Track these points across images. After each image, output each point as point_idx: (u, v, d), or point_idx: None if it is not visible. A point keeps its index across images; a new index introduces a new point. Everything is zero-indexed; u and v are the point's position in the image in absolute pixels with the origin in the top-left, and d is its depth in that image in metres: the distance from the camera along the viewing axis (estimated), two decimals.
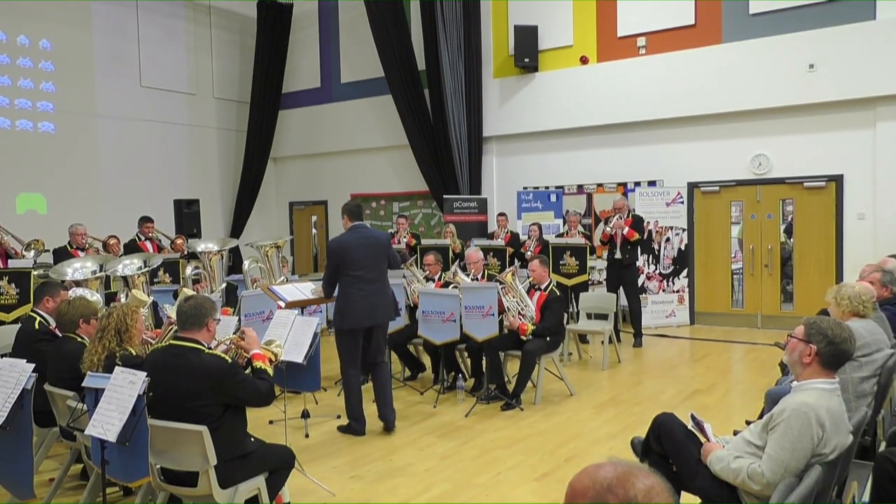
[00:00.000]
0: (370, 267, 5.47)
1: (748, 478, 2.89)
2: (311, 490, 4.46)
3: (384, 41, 12.10)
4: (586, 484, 1.32)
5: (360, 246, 5.46)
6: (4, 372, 3.56)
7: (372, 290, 5.47)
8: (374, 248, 5.53)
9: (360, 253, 5.44)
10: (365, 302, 5.43)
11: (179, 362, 3.44)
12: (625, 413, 6.10)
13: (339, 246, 5.46)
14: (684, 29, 10.17)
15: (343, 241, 5.49)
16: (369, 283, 5.46)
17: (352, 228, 5.55)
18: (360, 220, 5.63)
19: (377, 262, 5.54)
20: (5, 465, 3.66)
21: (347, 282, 5.41)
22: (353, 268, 5.41)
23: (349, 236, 5.52)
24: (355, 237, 5.51)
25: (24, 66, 10.91)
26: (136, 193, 11.94)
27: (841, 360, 2.97)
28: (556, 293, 6.55)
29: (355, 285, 5.40)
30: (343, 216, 5.64)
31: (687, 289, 10.37)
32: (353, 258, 5.41)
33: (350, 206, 5.72)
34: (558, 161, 11.44)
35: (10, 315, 7.23)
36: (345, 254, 5.41)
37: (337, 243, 5.50)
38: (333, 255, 5.46)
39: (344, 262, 5.41)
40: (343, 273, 5.42)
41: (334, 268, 5.46)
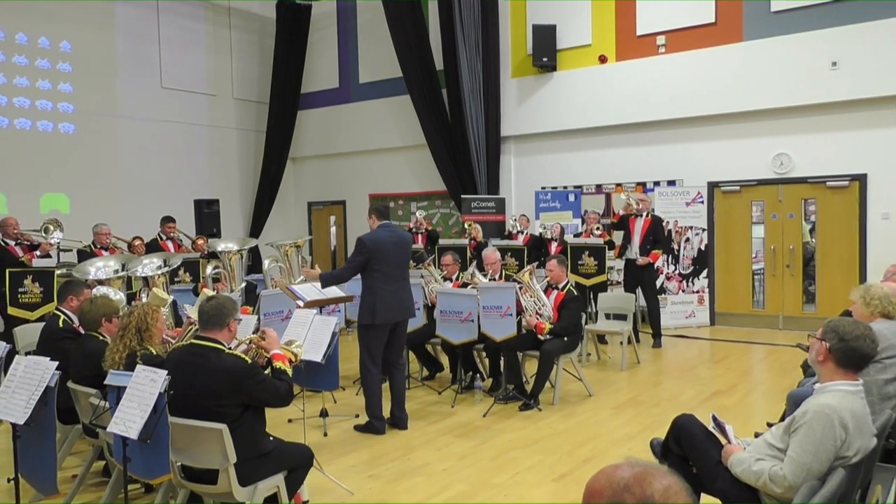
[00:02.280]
0: (398, 264, 5.62)
1: (770, 480, 2.86)
2: (329, 489, 4.48)
3: (402, 41, 12.12)
4: (603, 484, 1.31)
5: (392, 243, 5.58)
6: (29, 370, 3.61)
7: (399, 287, 5.59)
8: (403, 247, 5.71)
9: (392, 250, 5.56)
10: (393, 298, 5.53)
11: (200, 362, 3.47)
12: (644, 414, 6.06)
13: (374, 241, 5.51)
14: (704, 27, 10.08)
15: (378, 236, 5.56)
16: (397, 279, 5.58)
17: (381, 227, 5.65)
18: (387, 220, 5.75)
19: (404, 259, 5.73)
20: (30, 462, 3.71)
21: (377, 278, 5.47)
22: (384, 264, 5.49)
23: (383, 233, 5.61)
24: (388, 234, 5.63)
25: (45, 68, 11.05)
26: (157, 193, 12.07)
27: (856, 359, 2.91)
28: (573, 293, 6.53)
29: (384, 281, 5.48)
30: (370, 216, 5.74)
31: (707, 289, 10.28)
32: (386, 255, 5.50)
33: (378, 205, 5.88)
34: (576, 161, 11.40)
35: (34, 313, 7.35)
36: (380, 249, 5.48)
37: (372, 239, 5.54)
38: (366, 249, 5.47)
39: (376, 258, 5.46)
40: (372, 269, 5.47)
41: (364, 261, 5.48)
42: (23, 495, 3.78)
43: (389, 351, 5.70)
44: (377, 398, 5.62)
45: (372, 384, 5.59)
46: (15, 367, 3.67)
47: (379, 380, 5.63)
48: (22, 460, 3.68)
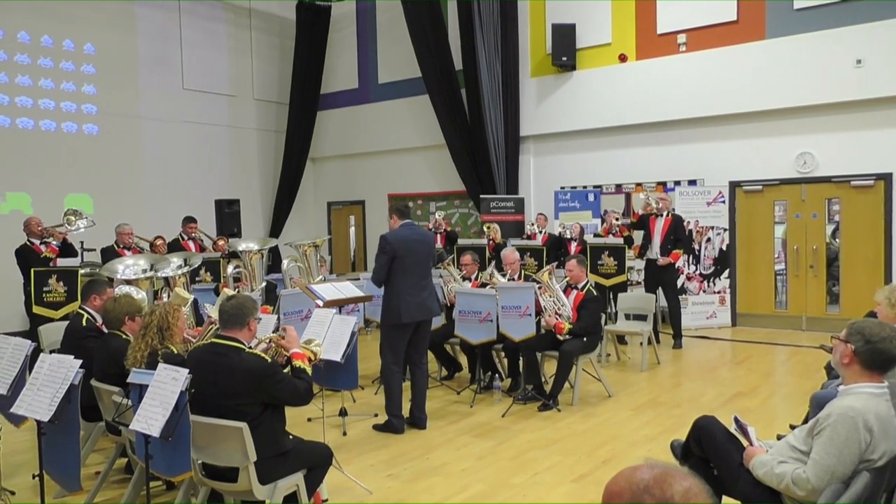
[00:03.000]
0: (421, 263, 5.60)
1: (793, 483, 2.82)
2: (348, 487, 4.50)
3: (421, 41, 12.14)
4: (622, 486, 1.30)
5: (415, 241, 5.59)
6: (53, 368, 3.66)
7: (422, 286, 5.58)
8: (425, 245, 5.70)
9: (415, 249, 5.55)
10: (417, 296, 5.51)
11: (220, 361, 3.50)
12: (664, 415, 6.01)
13: (398, 240, 5.49)
14: (726, 25, 9.98)
15: (401, 235, 5.55)
16: (420, 278, 5.57)
17: (403, 226, 5.65)
18: (408, 219, 5.74)
19: (427, 258, 5.71)
20: (54, 458, 3.76)
21: (399, 277, 5.46)
22: (407, 263, 5.49)
23: (405, 232, 5.60)
24: (410, 233, 5.62)
25: (69, 70, 11.20)
26: (179, 194, 12.19)
27: (883, 361, 2.87)
28: (592, 293, 6.49)
29: (407, 280, 5.48)
30: (391, 216, 5.73)
31: (728, 290, 10.18)
32: (409, 253, 5.50)
33: (398, 205, 5.88)
34: (596, 160, 11.34)
35: (58, 312, 7.45)
36: (403, 248, 5.47)
37: (396, 238, 5.51)
38: (390, 247, 5.46)
39: (399, 257, 5.45)
40: (398, 268, 5.46)
41: (389, 260, 5.46)
42: (47, 491, 3.83)
43: (413, 350, 5.70)
44: (398, 397, 5.62)
45: (393, 383, 5.59)
46: (40, 365, 3.72)
47: (400, 379, 5.64)
48: (46, 457, 3.73)
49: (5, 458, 4.53)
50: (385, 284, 5.56)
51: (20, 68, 10.62)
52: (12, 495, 4.33)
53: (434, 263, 6.04)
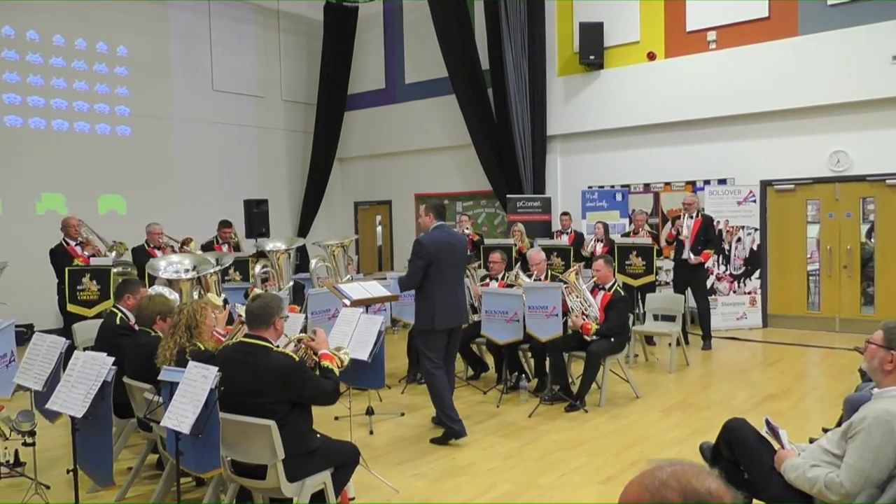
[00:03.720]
0: (454, 266, 5.46)
1: (825, 487, 2.77)
2: (374, 486, 4.51)
3: (448, 41, 12.15)
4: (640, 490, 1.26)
5: (449, 246, 5.42)
6: (87, 365, 3.73)
7: (456, 291, 5.47)
8: (458, 249, 5.55)
9: (450, 253, 5.40)
10: (452, 302, 5.39)
11: (248, 360, 3.53)
12: (693, 417, 5.94)
13: (433, 244, 5.32)
14: (757, 22, 9.84)
15: (436, 239, 5.38)
16: (453, 282, 5.44)
17: (438, 227, 5.47)
18: (443, 220, 5.56)
19: (461, 262, 5.58)
20: (87, 453, 3.83)
21: (434, 281, 5.30)
22: (442, 267, 5.32)
23: (440, 235, 5.43)
24: (444, 236, 5.45)
25: (102, 73, 11.39)
26: (209, 194, 12.35)
27: None
28: (620, 293, 6.44)
29: (443, 285, 5.32)
30: (427, 213, 5.54)
31: (759, 290, 10.03)
32: (444, 258, 5.34)
33: (435, 204, 5.67)
34: (624, 159, 11.25)
35: (91, 310, 7.59)
36: (438, 253, 5.31)
37: (431, 242, 5.33)
38: (425, 253, 5.28)
39: (434, 263, 5.29)
40: (432, 273, 5.29)
41: (425, 265, 5.29)
42: (81, 486, 3.90)
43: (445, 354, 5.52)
44: (448, 400, 5.39)
45: (439, 388, 5.38)
46: (74, 363, 3.80)
47: (445, 382, 5.41)
48: (80, 452, 3.80)
49: (41, 452, 4.62)
50: (419, 289, 5.40)
51: (55, 71, 10.83)
52: (47, 489, 4.42)
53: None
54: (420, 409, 6.29)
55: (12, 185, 10.30)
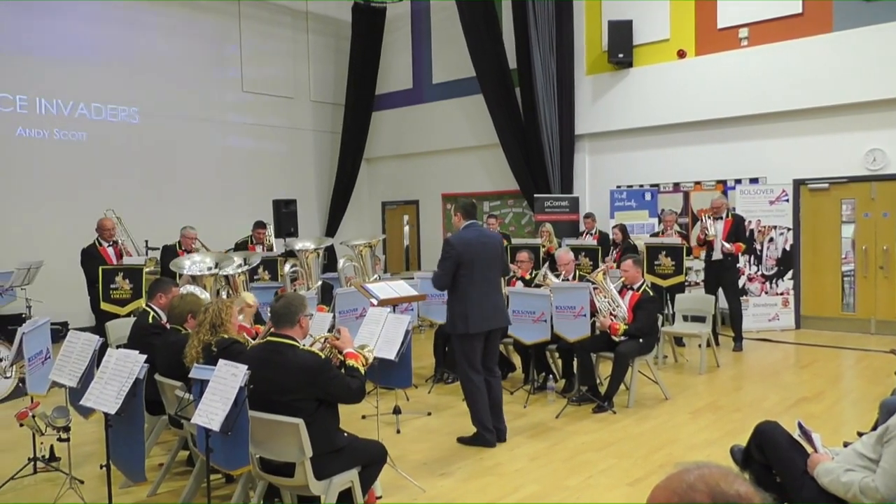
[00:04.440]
0: (489, 268, 5.24)
1: (860, 492, 2.72)
2: (401, 485, 4.52)
3: (475, 41, 12.14)
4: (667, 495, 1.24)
5: (483, 245, 5.23)
6: (120, 362, 3.79)
7: (491, 292, 5.25)
8: (493, 249, 5.31)
9: (481, 253, 5.19)
10: (487, 304, 5.18)
11: (275, 358, 3.57)
12: (723, 419, 5.86)
13: (463, 244, 5.15)
14: (791, 18, 9.67)
15: (466, 239, 5.18)
16: (488, 284, 5.22)
17: (468, 227, 5.29)
18: (474, 219, 5.37)
19: (495, 263, 5.32)
20: (120, 449, 3.90)
21: (467, 283, 5.12)
22: (474, 268, 5.14)
23: (471, 234, 5.24)
24: (476, 236, 5.26)
25: (134, 73, 11.55)
26: (239, 194, 12.50)
27: None
28: (649, 293, 6.38)
29: (476, 287, 5.14)
30: (456, 213, 5.39)
31: (792, 291, 9.86)
32: (475, 258, 5.15)
33: (464, 203, 5.45)
34: (653, 159, 11.13)
35: (124, 309, 7.72)
36: (469, 253, 5.13)
37: (461, 241, 5.16)
38: (455, 253, 5.12)
39: (465, 263, 5.11)
40: (463, 274, 5.13)
41: (454, 265, 5.13)
42: (114, 481, 3.97)
43: (484, 359, 5.33)
44: (483, 407, 5.23)
45: (475, 393, 5.22)
46: (107, 360, 3.86)
47: (482, 388, 5.23)
48: (113, 448, 3.87)
49: (75, 448, 4.71)
50: (451, 290, 5.23)
51: (83, 71, 11.02)
52: (81, 484, 4.51)
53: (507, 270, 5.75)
54: (447, 409, 6.29)
55: (47, 186, 10.52)
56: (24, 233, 10.05)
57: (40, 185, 10.47)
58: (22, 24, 10.34)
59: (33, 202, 10.34)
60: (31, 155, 10.49)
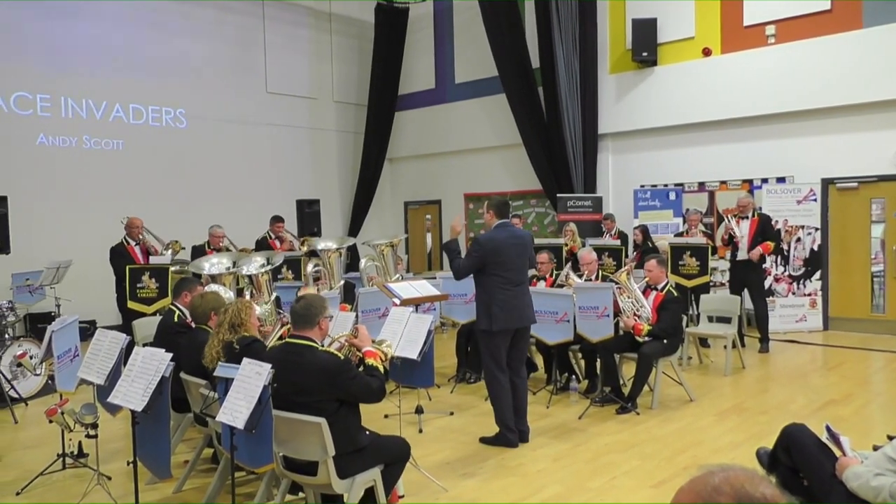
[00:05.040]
0: (518, 267, 5.26)
1: (890, 497, 2.67)
2: (424, 485, 4.53)
3: (498, 40, 12.11)
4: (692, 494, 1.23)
5: (512, 245, 5.22)
6: (146, 360, 3.83)
7: (519, 291, 5.25)
8: (522, 248, 5.32)
9: (512, 253, 5.19)
10: (515, 302, 5.19)
11: (295, 359, 3.58)
12: (749, 422, 5.79)
13: (492, 244, 5.16)
14: (819, 15, 9.53)
15: (497, 238, 5.20)
16: (517, 283, 5.23)
17: (499, 226, 5.28)
18: (506, 218, 5.36)
19: (524, 262, 5.35)
20: (147, 446, 3.95)
21: (496, 282, 5.14)
22: (503, 268, 5.15)
23: (501, 234, 5.23)
24: (506, 235, 5.25)
25: (158, 74, 11.70)
26: (262, 194, 12.59)
27: None
28: (673, 294, 6.32)
29: (504, 286, 5.15)
30: (487, 211, 5.34)
31: (820, 292, 9.70)
32: (505, 258, 5.15)
33: (497, 201, 5.41)
34: (678, 158, 11.03)
35: (150, 307, 7.81)
36: (498, 252, 5.14)
37: (490, 241, 5.18)
38: (481, 250, 5.14)
39: (494, 261, 5.13)
40: (489, 272, 5.15)
41: (478, 262, 5.14)
42: (140, 477, 4.02)
43: (510, 357, 5.33)
44: (507, 407, 5.24)
45: (499, 392, 5.23)
46: (134, 358, 3.91)
47: (507, 387, 5.24)
48: (139, 445, 3.92)
49: (103, 444, 4.79)
50: (478, 287, 5.28)
51: (111, 72, 11.18)
52: (109, 480, 4.57)
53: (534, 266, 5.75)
54: (469, 409, 6.29)
55: (77, 186, 10.69)
56: (52, 232, 10.22)
57: (67, 186, 10.63)
58: (45, 25, 10.51)
59: (61, 203, 10.50)
60: (57, 156, 10.66)
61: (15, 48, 10.22)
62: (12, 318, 7.50)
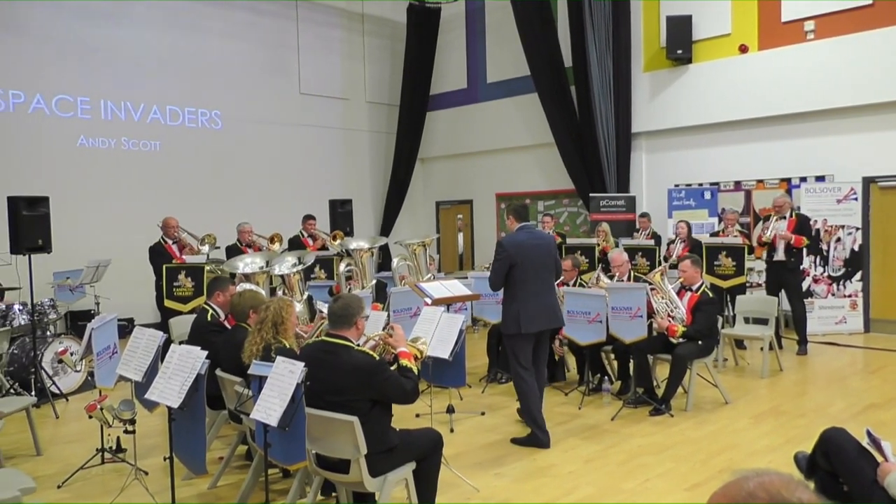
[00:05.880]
0: (542, 269, 5.28)
1: None
2: (455, 484, 4.53)
3: (530, 39, 12.07)
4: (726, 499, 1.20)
5: (534, 247, 5.27)
6: (182, 358, 3.90)
7: (543, 292, 5.28)
8: (545, 249, 5.35)
9: (534, 254, 5.24)
10: (538, 304, 5.22)
11: (330, 358, 3.61)
12: (787, 425, 5.68)
13: (515, 245, 5.20)
14: (860, 10, 9.30)
15: (519, 240, 5.25)
16: (540, 284, 5.25)
17: (520, 229, 5.34)
18: (526, 221, 5.43)
19: (548, 264, 5.35)
20: (183, 443, 4.02)
21: (519, 284, 5.18)
22: (527, 269, 5.18)
23: (522, 236, 5.29)
24: (528, 237, 5.31)
25: (193, 76, 11.89)
26: (295, 194, 12.71)
27: None
28: (708, 295, 6.22)
29: (528, 288, 5.18)
30: (508, 217, 5.47)
31: (861, 293, 9.48)
32: (528, 259, 5.19)
33: (516, 206, 5.55)
34: (713, 156, 10.87)
35: (186, 306, 7.94)
36: (521, 254, 5.18)
37: (512, 243, 5.22)
38: (508, 254, 5.18)
39: (517, 264, 5.16)
40: (514, 275, 5.18)
41: (506, 264, 5.18)
42: (176, 473, 4.09)
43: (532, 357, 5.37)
44: (536, 406, 5.27)
45: (527, 392, 5.26)
46: (170, 356, 3.98)
47: (535, 387, 5.27)
48: (176, 441, 3.99)
49: (140, 440, 4.88)
50: (505, 291, 5.29)
51: (151, 75, 11.40)
52: (146, 475, 4.66)
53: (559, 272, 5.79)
54: (501, 409, 6.28)
55: (115, 186, 10.92)
56: (92, 232, 10.44)
57: (106, 186, 10.85)
58: (86, 30, 10.75)
59: (100, 203, 10.72)
60: (97, 157, 10.89)
61: (57, 53, 10.47)
62: (54, 316, 7.68)
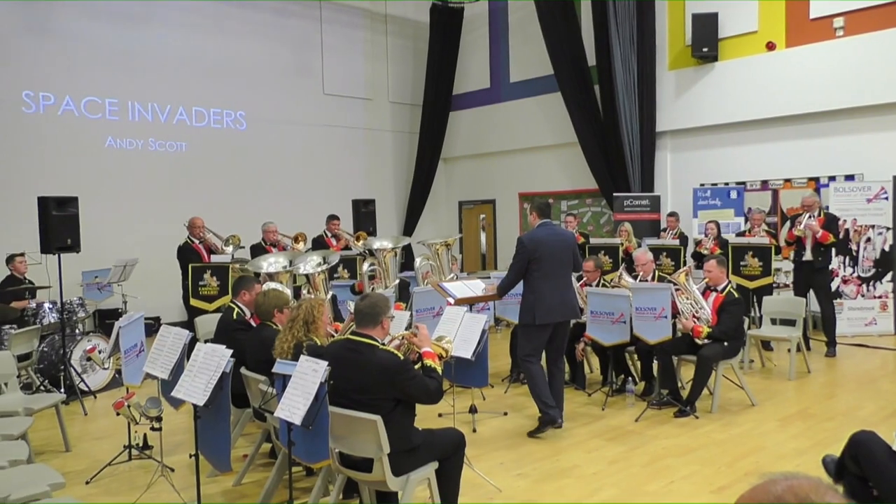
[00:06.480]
0: (560, 264, 5.52)
1: None
2: (478, 484, 4.53)
3: (554, 38, 12.02)
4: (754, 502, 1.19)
5: (553, 243, 5.51)
6: (208, 356, 3.94)
7: (560, 286, 5.50)
8: (564, 245, 5.59)
9: (553, 249, 5.48)
10: (554, 297, 5.43)
11: (355, 357, 3.62)
12: (815, 428, 5.59)
13: (533, 241, 5.47)
14: (890, 6, 9.12)
15: (537, 236, 5.52)
16: (558, 279, 5.49)
17: (541, 225, 5.60)
18: (548, 218, 5.68)
19: (566, 259, 5.58)
20: (208, 440, 4.06)
21: (537, 277, 5.43)
22: (544, 264, 5.43)
23: (542, 232, 5.55)
24: (547, 233, 5.56)
25: (218, 78, 12.01)
26: (319, 193, 12.80)
27: None
28: (734, 295, 6.15)
29: (545, 281, 5.42)
30: (531, 213, 5.73)
31: (891, 294, 9.30)
32: (546, 254, 5.44)
33: (539, 203, 5.80)
34: (739, 155, 10.73)
35: (212, 305, 8.03)
36: (539, 249, 5.43)
37: (532, 240, 5.50)
38: (526, 249, 5.45)
39: (536, 258, 5.41)
40: (532, 269, 5.44)
41: (525, 262, 5.46)
42: (201, 470, 4.12)
43: (549, 350, 5.65)
44: (543, 385, 5.49)
45: (533, 373, 5.49)
46: (196, 354, 4.02)
47: (540, 368, 5.53)
48: (201, 438, 4.03)
49: (166, 437, 4.94)
50: (524, 284, 5.53)
51: (178, 76, 11.54)
52: (172, 472, 4.72)
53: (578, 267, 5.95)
54: (523, 409, 6.25)
55: (143, 187, 11.07)
56: (120, 231, 10.60)
57: (134, 187, 11.01)
58: (114, 33, 10.91)
59: (128, 203, 10.88)
60: (124, 158, 11.05)
61: (87, 55, 10.65)
62: (82, 314, 7.81)
